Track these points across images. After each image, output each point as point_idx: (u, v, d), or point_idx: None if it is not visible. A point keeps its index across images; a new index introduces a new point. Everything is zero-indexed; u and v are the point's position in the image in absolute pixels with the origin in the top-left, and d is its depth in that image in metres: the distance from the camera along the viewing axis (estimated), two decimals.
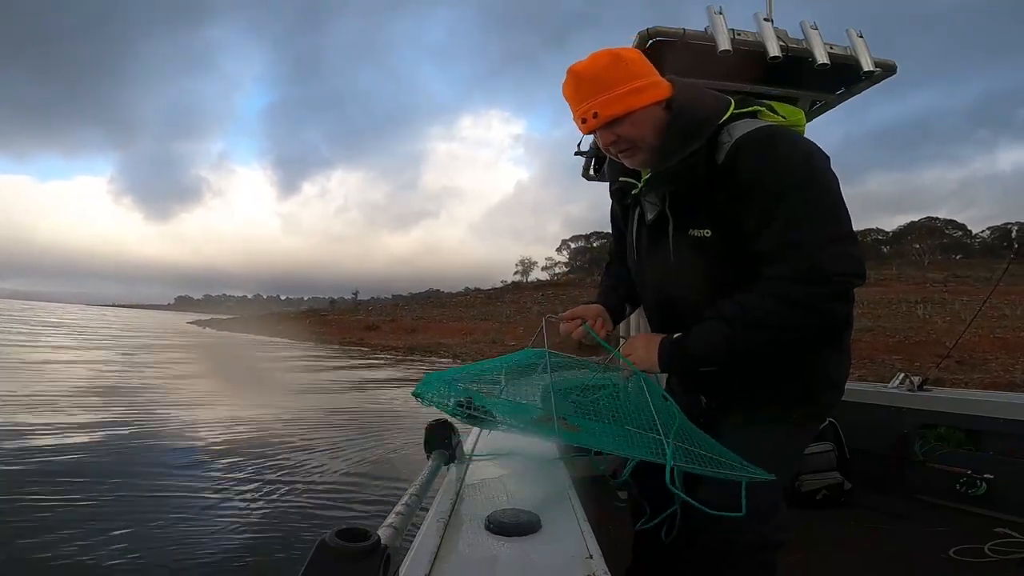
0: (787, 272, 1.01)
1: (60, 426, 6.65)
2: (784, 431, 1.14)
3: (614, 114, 1.11)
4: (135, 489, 4.71)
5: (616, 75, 1.11)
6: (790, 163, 1.04)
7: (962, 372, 14.72)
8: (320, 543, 0.50)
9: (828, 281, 1.00)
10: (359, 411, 9.31)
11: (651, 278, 1.27)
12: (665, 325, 1.23)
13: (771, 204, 1.03)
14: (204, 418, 7.89)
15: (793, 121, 1.18)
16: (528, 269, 75.79)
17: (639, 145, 1.14)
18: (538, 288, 57.31)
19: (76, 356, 16.42)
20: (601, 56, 1.13)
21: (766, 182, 1.04)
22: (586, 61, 1.14)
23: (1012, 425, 2.37)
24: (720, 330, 1.06)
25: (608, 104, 1.11)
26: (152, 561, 3.47)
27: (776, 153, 1.05)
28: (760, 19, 2.06)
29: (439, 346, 30.60)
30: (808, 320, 1.03)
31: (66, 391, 9.35)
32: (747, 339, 1.05)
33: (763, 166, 1.04)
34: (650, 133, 1.13)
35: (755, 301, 1.04)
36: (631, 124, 1.12)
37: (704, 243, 1.12)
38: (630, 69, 1.12)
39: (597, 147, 3.20)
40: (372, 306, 69.41)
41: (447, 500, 0.93)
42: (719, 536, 1.06)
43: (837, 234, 1.02)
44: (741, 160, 1.05)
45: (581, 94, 1.13)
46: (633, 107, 1.11)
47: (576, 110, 1.15)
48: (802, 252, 1.00)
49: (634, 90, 1.11)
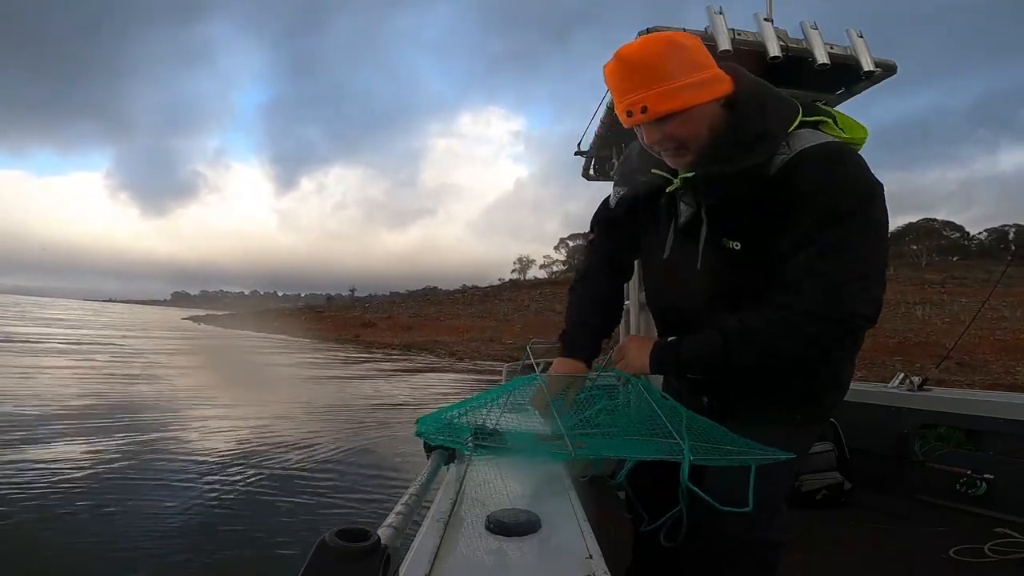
0: (801, 304, 0.97)
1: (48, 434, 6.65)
2: (788, 431, 1.12)
3: (668, 110, 0.98)
4: (133, 489, 4.72)
5: (673, 65, 0.97)
6: (850, 187, 0.97)
7: (963, 374, 14.72)
8: (320, 543, 0.50)
9: (840, 321, 0.96)
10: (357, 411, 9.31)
11: (671, 283, 1.21)
12: (673, 328, 1.21)
13: (815, 226, 0.96)
14: (201, 419, 7.89)
15: (853, 137, 1.09)
16: (526, 267, 75.86)
17: (688, 145, 1.03)
18: (536, 286, 57.29)
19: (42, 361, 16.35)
20: (656, 41, 0.99)
21: (819, 202, 0.96)
22: (637, 44, 1.00)
23: (1012, 425, 2.37)
24: (716, 343, 1.05)
25: (662, 99, 0.97)
26: (152, 561, 3.47)
27: (838, 174, 0.97)
28: (760, 19, 2.06)
29: (436, 344, 30.50)
30: (807, 352, 1.02)
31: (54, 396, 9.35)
32: (741, 358, 1.04)
33: (821, 185, 0.97)
34: (704, 133, 1.02)
35: (758, 324, 1.01)
36: (684, 122, 1.00)
37: (732, 256, 1.06)
38: (690, 58, 0.99)
39: (598, 147, 3.20)
40: (369, 303, 69.44)
41: (447, 500, 0.93)
42: (721, 535, 1.06)
43: (867, 272, 0.97)
44: (799, 175, 0.98)
45: (630, 83, 0.99)
46: (690, 104, 0.98)
47: (621, 101, 1.02)
48: (824, 285, 0.95)
49: (693, 84, 0.98)
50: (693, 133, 1.01)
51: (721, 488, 0.98)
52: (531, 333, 3.45)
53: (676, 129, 1.01)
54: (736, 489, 0.95)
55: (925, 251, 54.17)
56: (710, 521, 1.05)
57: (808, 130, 1.03)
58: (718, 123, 1.02)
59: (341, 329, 41.28)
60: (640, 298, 2.72)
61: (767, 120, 1.01)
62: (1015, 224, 56.08)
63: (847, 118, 1.11)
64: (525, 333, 7.30)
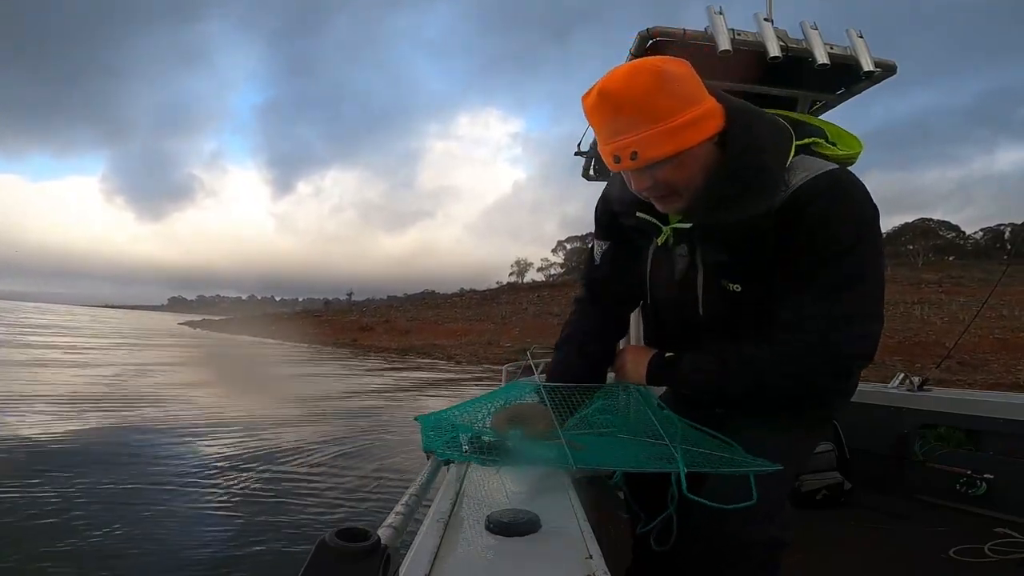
0: (801, 342, 0.96)
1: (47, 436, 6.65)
2: (791, 434, 1.12)
3: (659, 156, 0.88)
4: (131, 491, 4.71)
5: (664, 101, 0.87)
6: (848, 224, 0.93)
7: (964, 373, 14.75)
8: (320, 543, 0.50)
9: (834, 361, 0.96)
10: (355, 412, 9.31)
11: (671, 324, 1.18)
12: (671, 346, 1.19)
13: (814, 266, 0.94)
14: (198, 420, 7.88)
15: (849, 154, 1.05)
16: (524, 270, 75.87)
17: (681, 192, 0.95)
18: (533, 289, 57.32)
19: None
20: (641, 72, 0.87)
21: (818, 241, 0.93)
22: (622, 79, 0.87)
23: (1012, 425, 2.37)
24: (712, 369, 1.05)
25: (653, 143, 0.87)
26: (151, 561, 3.47)
27: (836, 211, 0.92)
28: (760, 19, 2.06)
29: (433, 347, 30.47)
30: (799, 389, 1.03)
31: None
32: (734, 387, 1.05)
33: (819, 225, 0.92)
34: (698, 176, 0.93)
35: (757, 357, 1.01)
36: (677, 167, 0.91)
37: (733, 297, 1.04)
38: (682, 92, 0.88)
39: (597, 147, 3.21)
40: (366, 307, 69.44)
41: (447, 500, 0.93)
42: (722, 535, 1.05)
43: (863, 311, 0.95)
44: (796, 214, 0.93)
45: (616, 124, 0.89)
46: (685, 147, 0.89)
47: (606, 144, 0.92)
48: (820, 327, 0.94)
49: (684, 125, 0.87)
50: (687, 177, 0.93)
51: (723, 490, 0.98)
52: (529, 336, 3.39)
53: (669, 174, 0.92)
54: (739, 489, 0.94)
55: (921, 251, 54.25)
56: (711, 521, 1.05)
57: (801, 157, 0.97)
58: (712, 163, 0.93)
59: (338, 333, 41.27)
60: None
61: (763, 156, 0.93)
62: (1010, 223, 56.31)
63: (839, 129, 1.07)
64: (523, 336, 7.22)
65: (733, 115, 0.95)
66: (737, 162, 0.93)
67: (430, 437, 1.00)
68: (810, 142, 1.01)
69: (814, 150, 1.02)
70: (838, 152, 1.04)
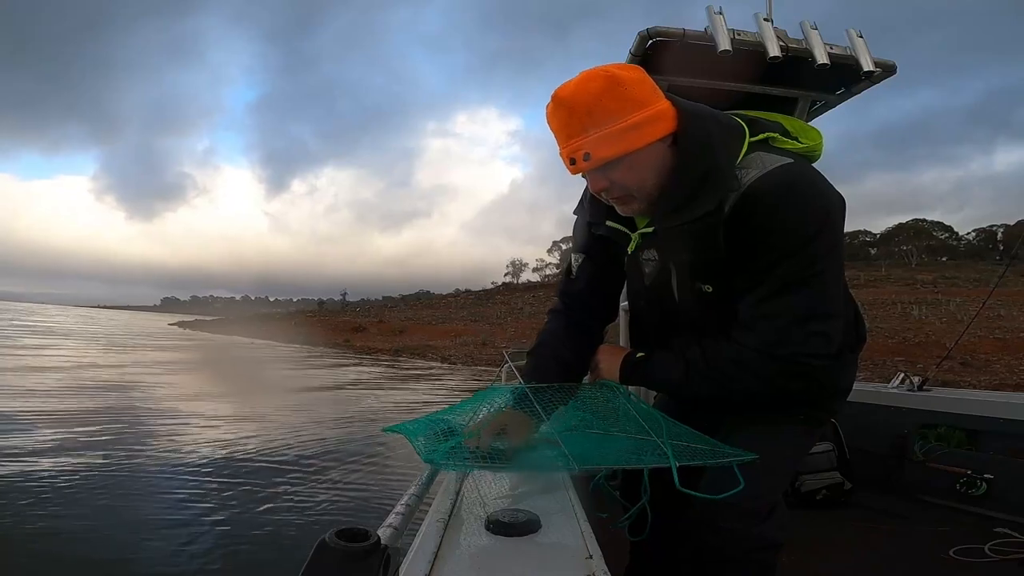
0: (753, 343, 0.98)
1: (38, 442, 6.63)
2: (788, 432, 1.13)
3: (610, 156, 0.93)
4: (130, 491, 4.71)
5: (613, 105, 0.91)
6: (799, 221, 0.93)
7: (967, 374, 14.77)
8: (320, 543, 0.50)
9: (789, 360, 0.97)
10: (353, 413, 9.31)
11: (655, 329, 1.20)
12: (651, 337, 1.22)
13: (766, 267, 0.95)
14: (195, 419, 7.88)
15: (809, 146, 1.05)
16: (519, 270, 75.77)
17: (635, 193, 0.99)
18: (528, 289, 57.26)
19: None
20: (594, 79, 0.92)
21: (769, 242, 0.94)
22: (575, 84, 0.93)
23: (1012, 425, 2.37)
24: (678, 369, 1.07)
25: (603, 144, 0.92)
26: (151, 561, 3.47)
27: (789, 207, 0.93)
28: (760, 19, 2.06)
29: (427, 348, 30.29)
30: (760, 389, 1.03)
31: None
32: (699, 387, 1.06)
33: (769, 224, 0.93)
34: (650, 177, 0.97)
35: (715, 357, 1.03)
36: (629, 168, 0.95)
37: (707, 298, 1.05)
38: (630, 96, 0.92)
39: None
40: (360, 307, 69.33)
41: (447, 500, 0.93)
42: (719, 535, 1.06)
43: (818, 310, 0.95)
44: (748, 213, 0.94)
45: (570, 128, 0.94)
46: (633, 148, 0.93)
47: (563, 147, 0.97)
48: (774, 326, 0.96)
49: (634, 125, 0.92)
50: (639, 179, 0.96)
51: (717, 487, 0.98)
52: (524, 336, 3.35)
53: (622, 175, 0.96)
54: (730, 483, 0.95)
55: (915, 251, 54.37)
56: (708, 521, 1.05)
57: (756, 154, 0.97)
58: (665, 164, 0.97)
59: (331, 334, 40.99)
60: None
61: (714, 155, 0.95)
62: (1003, 224, 56.50)
63: (798, 122, 1.07)
64: (518, 336, 7.16)
65: (684, 117, 0.97)
66: (688, 163, 0.96)
67: (428, 449, 0.99)
68: (765, 137, 1.01)
69: (772, 145, 1.01)
70: (798, 145, 1.04)
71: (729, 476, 0.96)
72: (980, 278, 34.67)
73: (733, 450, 0.97)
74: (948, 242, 59.29)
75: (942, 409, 2.61)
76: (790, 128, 1.06)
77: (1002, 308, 23.41)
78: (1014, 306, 23.59)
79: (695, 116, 0.98)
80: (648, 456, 0.97)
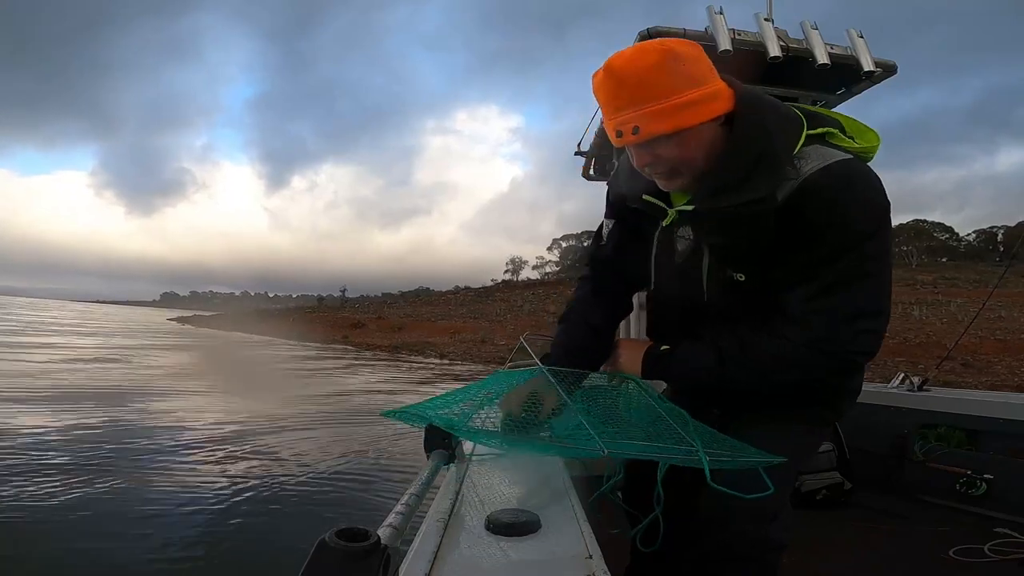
0: (805, 337, 0.96)
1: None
2: (794, 431, 1.11)
3: (661, 131, 0.89)
4: (129, 492, 4.70)
5: (668, 80, 0.88)
6: (858, 219, 0.92)
7: (970, 375, 14.75)
8: (320, 543, 0.49)
9: (839, 357, 0.96)
10: None
11: (673, 313, 1.17)
12: (672, 334, 1.18)
13: (822, 261, 0.93)
14: (194, 419, 7.88)
15: (865, 147, 1.02)
16: (518, 268, 75.47)
17: (682, 169, 0.95)
18: (528, 287, 57.06)
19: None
20: (650, 52, 0.88)
21: (827, 234, 0.92)
22: (629, 55, 0.89)
23: (1012, 425, 2.37)
24: (709, 361, 1.04)
25: (654, 119, 0.88)
26: (151, 561, 3.46)
27: (846, 204, 0.91)
28: (760, 19, 2.06)
29: (426, 345, 29.96)
30: (801, 383, 1.02)
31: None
32: (733, 378, 1.04)
33: (828, 218, 0.92)
34: (700, 155, 0.93)
35: (757, 350, 1.00)
36: (678, 144, 0.91)
37: (738, 286, 1.02)
38: (687, 72, 0.89)
39: (598, 147, 3.19)
40: (359, 304, 69.15)
41: (447, 500, 0.93)
42: (725, 536, 1.05)
43: (870, 308, 0.95)
44: (806, 205, 0.92)
45: (620, 100, 0.90)
46: (686, 125, 0.89)
47: (610, 119, 0.93)
48: (827, 322, 0.94)
49: (689, 103, 0.88)
50: (688, 157, 0.93)
51: (730, 486, 0.97)
52: (524, 334, 3.36)
53: (670, 151, 0.92)
54: (746, 486, 0.94)
55: (915, 252, 54.35)
56: (715, 521, 1.04)
57: (815, 147, 0.96)
58: (716, 145, 0.94)
59: (330, 330, 40.61)
60: (638, 298, 2.72)
61: (771, 140, 0.93)
62: (1003, 225, 56.49)
63: (856, 123, 1.05)
64: (517, 334, 7.25)
65: (742, 100, 0.94)
66: (741, 145, 0.93)
67: (441, 417, 0.97)
68: (824, 132, 0.99)
69: (829, 141, 0.99)
70: (854, 145, 1.02)
71: (742, 477, 0.95)
72: (980, 279, 34.62)
73: (759, 452, 0.96)
74: (948, 243, 59.27)
75: (942, 409, 2.61)
76: (848, 127, 1.04)
77: (1003, 309, 23.39)
78: (1015, 307, 23.56)
79: (755, 100, 0.96)
80: (674, 450, 0.94)
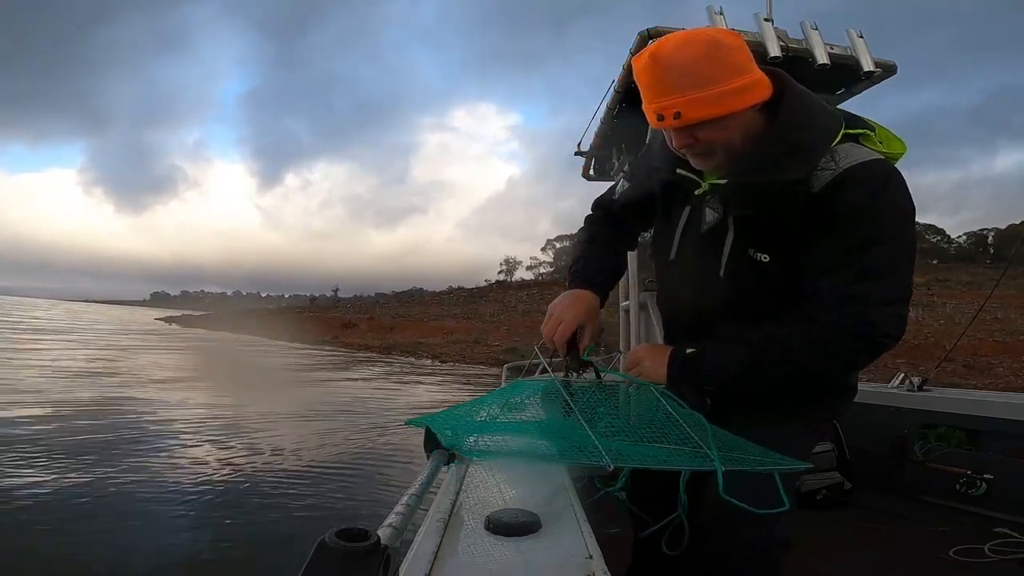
0: (837, 321, 0.98)
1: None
2: (793, 428, 1.11)
3: (704, 117, 0.94)
4: (128, 491, 4.70)
5: (713, 69, 0.92)
6: (894, 212, 0.98)
7: (971, 376, 14.74)
8: (320, 543, 0.49)
9: (871, 340, 0.99)
10: None
11: (687, 291, 1.18)
12: (684, 334, 1.19)
13: (856, 248, 0.97)
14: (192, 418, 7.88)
15: (891, 152, 1.07)
16: (512, 268, 75.14)
17: (718, 150, 1.00)
18: (522, 287, 56.85)
19: None
20: (696, 41, 0.93)
21: (864, 223, 0.96)
22: (675, 44, 0.94)
23: (1012, 425, 2.37)
24: (741, 357, 1.04)
25: (697, 106, 0.93)
26: (150, 561, 3.46)
27: (884, 197, 0.97)
28: (760, 19, 2.06)
29: (418, 346, 29.66)
30: (836, 369, 1.05)
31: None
32: (768, 373, 1.04)
33: (866, 208, 0.96)
34: (737, 138, 0.99)
35: (789, 340, 1.01)
36: (718, 128, 0.97)
37: (760, 267, 1.04)
38: (731, 62, 0.93)
39: (598, 147, 3.20)
40: (352, 304, 69.02)
41: (447, 500, 0.93)
42: (730, 536, 1.05)
43: (900, 294, 0.99)
44: (845, 193, 0.96)
45: (664, 86, 0.94)
46: (728, 111, 0.94)
47: (652, 103, 0.97)
48: (860, 307, 0.97)
49: (733, 91, 0.93)
50: (726, 139, 0.98)
51: (736, 489, 0.97)
52: (517, 335, 3.31)
53: (709, 135, 0.97)
54: (754, 491, 0.92)
55: None
56: (719, 522, 1.04)
57: (851, 144, 1.01)
58: (754, 129, 0.99)
59: (321, 330, 40.20)
60: (639, 299, 2.72)
61: (811, 131, 0.98)
62: (994, 228, 56.61)
63: (886, 131, 1.09)
64: (511, 335, 6.98)
65: (787, 88, 1.00)
66: (783, 130, 0.98)
67: (448, 436, 0.97)
68: (859, 133, 1.04)
69: (863, 143, 1.04)
70: (883, 150, 1.06)
71: (750, 480, 0.94)
72: (972, 281, 34.63)
73: (781, 457, 0.94)
74: (939, 245, 59.42)
75: (942, 409, 2.61)
76: (879, 134, 1.08)
77: (999, 311, 23.37)
78: (1011, 308, 23.55)
79: (803, 93, 1.01)
80: (688, 459, 0.92)
